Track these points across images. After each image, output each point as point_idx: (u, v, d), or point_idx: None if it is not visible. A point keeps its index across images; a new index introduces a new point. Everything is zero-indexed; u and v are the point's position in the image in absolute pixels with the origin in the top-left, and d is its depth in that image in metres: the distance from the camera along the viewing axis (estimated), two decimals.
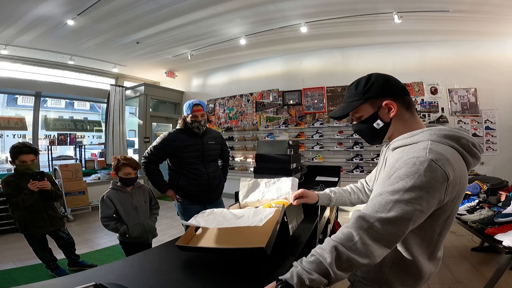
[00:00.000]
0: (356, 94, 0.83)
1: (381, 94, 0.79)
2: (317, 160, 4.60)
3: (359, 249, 0.63)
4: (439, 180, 0.63)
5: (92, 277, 0.84)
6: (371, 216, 0.65)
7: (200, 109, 1.99)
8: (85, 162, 5.34)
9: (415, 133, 0.76)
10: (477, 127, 3.98)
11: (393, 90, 0.80)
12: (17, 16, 3.29)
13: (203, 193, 2.03)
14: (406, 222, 0.63)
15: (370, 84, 0.81)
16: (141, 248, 1.44)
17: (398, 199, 0.64)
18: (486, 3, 2.98)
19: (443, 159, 0.65)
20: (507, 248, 1.57)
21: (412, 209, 0.63)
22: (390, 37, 4.13)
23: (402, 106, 0.80)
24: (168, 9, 3.28)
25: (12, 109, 6.89)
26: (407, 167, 0.66)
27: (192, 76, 6.34)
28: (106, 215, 1.82)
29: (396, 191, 0.65)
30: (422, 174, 0.63)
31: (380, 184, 0.75)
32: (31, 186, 2.02)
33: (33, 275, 2.35)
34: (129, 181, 1.91)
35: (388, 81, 0.81)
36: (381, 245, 0.64)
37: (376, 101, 0.80)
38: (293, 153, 2.48)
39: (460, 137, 0.72)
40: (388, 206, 0.64)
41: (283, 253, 1.02)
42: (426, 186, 0.63)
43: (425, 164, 0.64)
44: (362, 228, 0.64)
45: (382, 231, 0.63)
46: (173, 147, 1.97)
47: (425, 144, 0.70)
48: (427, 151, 0.66)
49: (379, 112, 0.81)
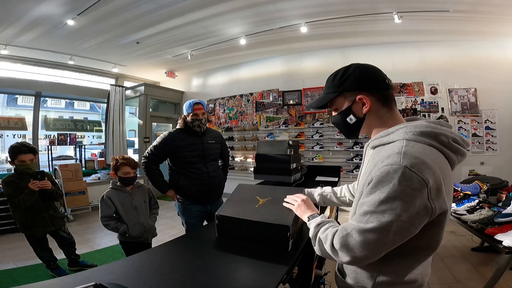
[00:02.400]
0: (332, 86, 0.80)
1: (356, 88, 0.76)
2: (317, 160, 4.60)
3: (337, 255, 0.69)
4: (416, 187, 0.60)
5: (92, 277, 0.84)
6: (351, 225, 0.67)
7: (201, 108, 2.00)
8: (85, 162, 5.34)
9: (391, 131, 0.72)
10: (477, 127, 3.98)
11: (370, 84, 0.75)
12: (17, 16, 3.29)
13: (204, 192, 2.02)
14: (385, 233, 0.62)
15: (346, 76, 0.77)
16: (141, 247, 1.44)
17: (375, 210, 0.63)
18: (486, 3, 2.98)
19: (418, 164, 0.61)
20: (507, 248, 1.57)
21: (389, 220, 0.61)
22: (390, 37, 4.13)
23: (378, 101, 0.75)
24: (168, 9, 3.28)
25: (12, 109, 6.90)
26: (381, 176, 0.63)
27: (192, 76, 6.34)
28: (106, 215, 1.83)
29: (372, 202, 0.64)
30: (396, 183, 0.60)
31: (360, 187, 0.74)
32: (32, 186, 2.02)
33: (33, 275, 2.35)
34: (129, 180, 1.91)
35: (366, 74, 0.76)
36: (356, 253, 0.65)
37: (351, 94, 0.77)
38: (293, 153, 2.48)
39: (438, 134, 0.67)
40: (366, 218, 0.64)
41: (283, 252, 1.03)
42: (402, 196, 0.60)
43: (399, 172, 0.60)
44: (340, 235, 0.68)
45: (358, 239, 0.64)
46: (173, 146, 1.96)
47: (399, 146, 0.65)
48: (401, 156, 0.62)
49: (352, 107, 0.78)
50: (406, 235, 0.63)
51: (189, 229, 2.06)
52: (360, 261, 0.67)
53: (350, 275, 0.82)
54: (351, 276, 0.82)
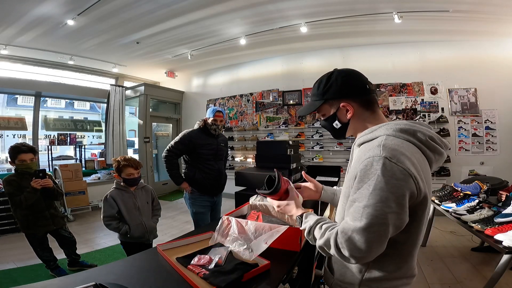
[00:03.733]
0: (318, 94, 0.84)
1: (339, 96, 0.80)
2: (317, 160, 4.60)
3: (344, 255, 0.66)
4: (399, 177, 0.62)
5: (92, 277, 0.84)
6: (349, 226, 0.65)
7: (221, 116, 2.33)
8: (85, 162, 5.34)
9: (374, 128, 0.76)
10: (477, 127, 3.98)
11: (351, 91, 0.80)
12: (17, 16, 3.29)
13: (214, 186, 2.32)
14: (382, 227, 0.62)
15: (329, 85, 0.81)
16: (142, 248, 1.44)
17: (366, 204, 0.63)
18: (486, 3, 2.98)
19: (397, 155, 0.64)
20: (507, 248, 1.57)
21: (381, 212, 0.61)
22: (390, 37, 4.13)
23: (360, 106, 0.80)
24: (168, 9, 3.28)
25: (12, 109, 6.90)
26: (365, 169, 0.66)
27: (192, 76, 6.34)
28: (109, 215, 1.83)
29: (361, 197, 0.65)
30: (380, 174, 0.63)
31: (347, 182, 0.77)
32: (34, 184, 2.03)
33: (33, 275, 2.35)
34: (133, 181, 1.92)
35: (347, 81, 0.80)
36: (362, 252, 0.64)
37: (335, 102, 0.82)
38: (293, 153, 2.49)
39: (416, 131, 0.71)
40: (359, 214, 0.64)
41: (284, 251, 1.03)
42: (388, 187, 0.62)
43: (380, 163, 0.63)
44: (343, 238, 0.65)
45: (362, 239, 0.63)
46: (195, 143, 2.24)
47: (380, 140, 0.69)
48: (381, 148, 0.66)
49: (337, 113, 0.83)
50: (402, 223, 0.65)
51: (198, 219, 2.28)
52: (369, 258, 0.66)
53: (339, 271, 0.83)
54: (340, 272, 0.83)
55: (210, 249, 1.00)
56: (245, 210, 1.37)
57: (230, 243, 1.02)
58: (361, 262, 0.68)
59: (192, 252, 1.00)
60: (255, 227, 1.03)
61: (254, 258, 0.90)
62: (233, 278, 0.80)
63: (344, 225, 0.67)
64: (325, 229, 0.73)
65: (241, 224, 1.07)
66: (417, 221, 0.71)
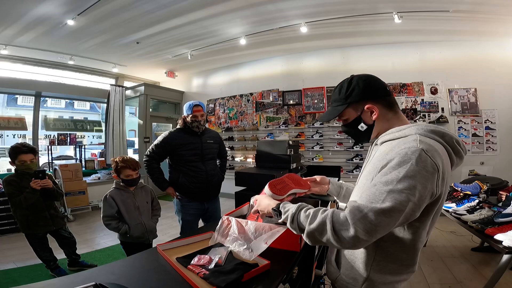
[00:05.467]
0: (340, 99, 0.86)
1: (363, 98, 0.82)
2: (317, 160, 4.60)
3: (343, 237, 0.64)
4: (430, 170, 0.64)
5: (92, 277, 0.84)
6: (366, 206, 0.63)
7: (200, 110, 2.08)
8: (85, 162, 5.34)
9: (403, 127, 0.78)
10: (477, 127, 3.98)
11: (374, 92, 0.82)
12: (17, 16, 3.29)
13: (202, 190, 2.10)
14: (398, 214, 0.62)
15: (351, 88, 0.83)
16: (142, 248, 1.44)
17: (392, 189, 0.63)
18: (486, 3, 2.98)
19: (432, 150, 0.67)
20: (507, 248, 1.57)
21: (406, 199, 0.62)
22: (390, 37, 4.13)
23: (384, 107, 0.82)
24: (168, 9, 3.28)
25: (12, 109, 6.90)
26: (399, 157, 0.66)
27: (192, 76, 6.34)
28: (108, 214, 1.83)
29: (389, 181, 0.64)
30: (414, 163, 0.64)
31: (365, 176, 0.77)
32: (33, 184, 2.03)
33: (33, 275, 2.35)
34: (132, 181, 1.92)
35: (369, 84, 0.82)
36: (369, 235, 0.62)
37: (358, 105, 0.83)
38: (293, 153, 2.48)
39: (445, 133, 0.74)
40: (382, 197, 0.63)
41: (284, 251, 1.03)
42: (419, 176, 0.63)
43: (417, 153, 0.65)
44: (355, 217, 0.63)
45: (376, 222, 0.61)
46: (173, 145, 2.04)
47: (414, 137, 0.71)
48: (418, 142, 0.68)
49: (362, 116, 0.84)
50: (412, 217, 0.65)
51: (185, 227, 2.13)
52: (367, 243, 0.65)
53: (346, 265, 0.84)
54: (347, 266, 0.83)
55: (210, 249, 1.00)
56: (245, 210, 1.37)
57: (230, 243, 1.02)
58: (357, 247, 0.65)
59: (192, 252, 1.00)
60: (255, 227, 1.03)
61: (254, 258, 0.90)
62: (233, 278, 0.80)
63: (356, 205, 0.65)
64: (315, 213, 0.71)
65: (241, 224, 1.07)
66: (426, 217, 0.72)
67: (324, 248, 1.86)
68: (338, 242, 0.65)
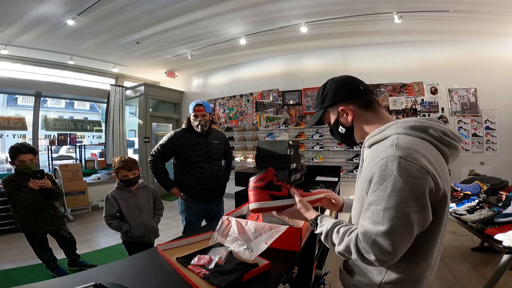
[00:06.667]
0: (318, 104, 0.89)
1: (335, 101, 0.83)
2: (317, 160, 4.60)
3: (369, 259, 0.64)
4: (417, 176, 0.60)
5: (92, 277, 0.84)
6: (371, 231, 0.63)
7: (201, 109, 2.04)
8: (85, 162, 5.34)
9: (383, 128, 0.74)
10: (477, 127, 3.98)
11: (346, 93, 0.81)
12: (17, 16, 3.29)
13: (207, 191, 2.08)
14: (407, 227, 0.61)
15: (325, 93, 0.85)
16: (144, 248, 1.44)
17: (386, 207, 0.61)
18: (486, 3, 2.98)
19: (412, 153, 0.62)
20: (507, 248, 1.57)
21: (404, 213, 0.60)
22: (390, 37, 4.13)
23: (358, 107, 0.81)
24: (168, 9, 3.28)
25: (12, 109, 6.89)
26: (380, 170, 0.64)
27: (192, 76, 6.34)
28: (110, 214, 1.84)
29: (380, 199, 0.63)
30: (396, 174, 0.61)
31: (360, 184, 0.75)
32: (32, 185, 2.03)
33: (33, 275, 2.35)
34: (128, 182, 1.91)
35: (339, 86, 0.83)
36: (389, 255, 0.62)
37: (333, 108, 0.84)
38: (293, 153, 2.48)
39: (427, 127, 0.70)
40: (380, 217, 0.62)
41: (284, 251, 1.03)
42: (406, 186, 0.60)
43: (395, 163, 0.62)
44: (368, 243, 0.63)
45: (388, 243, 0.61)
46: (179, 145, 2.03)
47: (391, 140, 0.68)
48: (394, 148, 0.64)
49: (339, 119, 0.84)
50: (427, 222, 0.63)
51: (188, 227, 2.11)
52: (395, 259, 0.64)
53: (360, 273, 0.82)
54: (361, 273, 0.81)
55: (210, 249, 1.00)
56: (245, 210, 1.37)
57: (230, 243, 1.02)
58: (388, 265, 0.65)
59: (192, 252, 1.00)
60: (255, 227, 1.03)
61: (254, 258, 0.90)
62: (233, 278, 0.80)
63: (365, 230, 0.64)
64: (343, 234, 0.70)
65: (241, 224, 1.07)
66: (437, 220, 0.68)
67: (324, 248, 1.86)
68: (367, 263, 0.65)
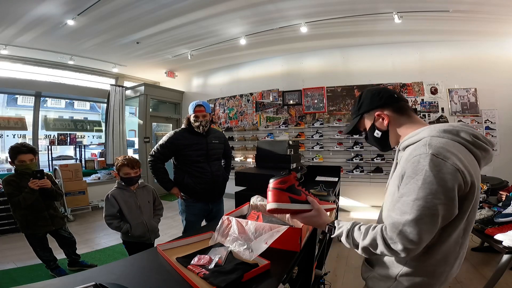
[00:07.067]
0: (354, 112, 0.96)
1: (372, 107, 0.89)
2: (317, 160, 4.60)
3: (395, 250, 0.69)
4: (447, 172, 0.66)
5: (92, 277, 0.84)
6: (399, 221, 0.68)
7: (202, 110, 2.05)
8: (85, 162, 5.34)
9: (418, 131, 0.80)
10: (477, 127, 3.98)
11: (380, 100, 0.88)
12: (17, 16, 3.29)
13: (207, 191, 2.08)
14: (432, 218, 0.66)
15: (361, 101, 0.92)
16: (144, 247, 1.44)
17: (416, 197, 0.66)
18: (486, 3, 2.98)
19: (443, 152, 0.68)
20: (507, 248, 1.57)
21: (432, 204, 0.65)
22: (390, 37, 4.13)
23: (394, 112, 0.87)
24: (168, 9, 3.28)
25: (12, 109, 6.90)
26: (413, 166, 0.70)
27: (192, 76, 6.34)
28: (110, 214, 1.84)
29: (411, 191, 0.68)
30: (427, 169, 0.66)
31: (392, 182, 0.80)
32: (31, 185, 2.03)
33: (33, 275, 2.35)
34: (129, 180, 1.92)
35: (375, 94, 0.90)
36: (415, 244, 0.67)
37: (370, 114, 0.91)
38: (293, 153, 2.48)
39: (459, 131, 0.75)
40: (409, 207, 0.67)
41: (284, 251, 1.03)
42: (437, 180, 0.65)
43: (427, 159, 0.67)
44: (395, 233, 0.68)
45: (415, 232, 0.66)
46: (178, 145, 2.03)
47: (425, 141, 0.73)
48: (427, 147, 0.70)
49: (375, 123, 0.90)
50: (451, 215, 0.69)
51: (188, 227, 2.11)
52: (419, 249, 0.69)
53: (380, 265, 0.86)
54: (381, 265, 0.86)
55: (210, 249, 1.00)
56: (245, 210, 1.37)
57: (230, 243, 1.02)
58: (413, 254, 0.70)
59: (192, 252, 1.00)
60: (255, 227, 1.03)
61: (254, 258, 0.90)
62: (233, 278, 0.80)
63: (393, 220, 0.70)
64: (366, 230, 0.75)
65: (241, 224, 1.07)
66: (461, 214, 0.72)
67: (324, 248, 1.86)
68: (393, 254, 0.70)
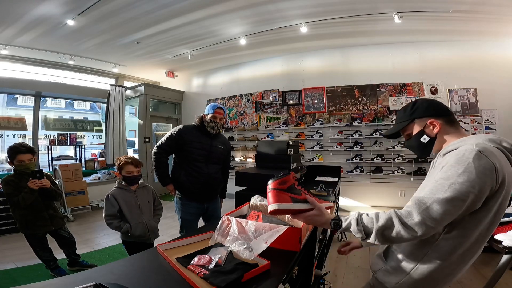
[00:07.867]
0: (404, 116, 0.99)
1: (426, 115, 0.94)
2: (317, 160, 4.60)
3: (411, 226, 0.72)
4: (487, 167, 0.71)
5: (92, 277, 0.84)
6: (429, 197, 0.73)
7: (221, 113, 2.11)
8: (85, 162, 5.34)
9: (464, 139, 0.86)
10: (477, 127, 3.98)
11: (436, 110, 0.94)
12: (17, 16, 3.29)
13: (202, 191, 2.09)
14: (461, 203, 0.71)
15: (416, 107, 0.96)
16: (144, 247, 1.44)
17: (453, 182, 0.72)
18: (486, 3, 2.98)
19: (488, 151, 0.75)
20: (507, 248, 1.57)
21: (466, 190, 0.70)
22: (390, 37, 4.13)
23: (445, 123, 0.92)
24: (168, 9, 3.28)
25: (12, 109, 6.89)
26: (457, 157, 0.76)
27: (192, 76, 6.34)
28: (110, 213, 1.84)
29: (450, 176, 0.74)
30: (471, 161, 0.72)
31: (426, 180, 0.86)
32: (31, 185, 2.03)
33: (33, 275, 2.35)
34: (132, 179, 1.92)
35: (432, 104, 0.96)
36: (435, 222, 0.71)
37: (422, 120, 0.95)
38: (293, 153, 2.48)
39: (502, 140, 0.83)
40: (444, 188, 0.72)
41: (284, 251, 1.03)
42: (476, 171, 0.71)
43: (473, 153, 0.74)
44: (420, 208, 0.73)
45: (440, 210, 0.71)
46: (185, 139, 2.05)
47: (473, 142, 0.81)
48: (474, 146, 0.77)
49: (425, 129, 0.95)
50: (474, 207, 0.74)
51: (184, 225, 2.12)
52: (436, 230, 0.74)
53: (395, 259, 0.90)
54: (396, 259, 0.89)
55: (210, 249, 1.00)
56: (245, 210, 1.37)
57: (230, 243, 1.02)
58: (428, 234, 0.74)
59: (192, 252, 1.00)
60: (255, 227, 1.03)
61: (254, 258, 0.90)
62: (233, 278, 0.80)
63: (421, 197, 0.75)
64: (377, 214, 0.79)
65: (241, 224, 1.07)
66: (486, 212, 0.77)
67: (324, 248, 1.86)
68: (409, 232, 0.73)
